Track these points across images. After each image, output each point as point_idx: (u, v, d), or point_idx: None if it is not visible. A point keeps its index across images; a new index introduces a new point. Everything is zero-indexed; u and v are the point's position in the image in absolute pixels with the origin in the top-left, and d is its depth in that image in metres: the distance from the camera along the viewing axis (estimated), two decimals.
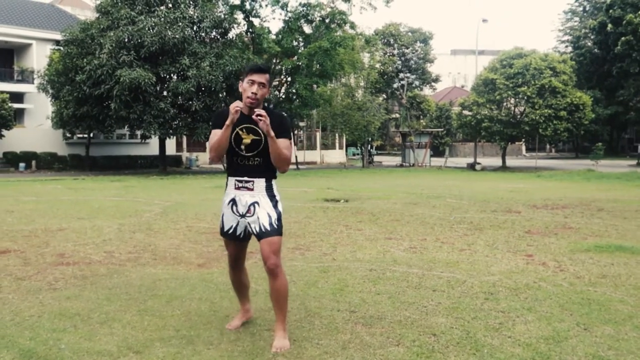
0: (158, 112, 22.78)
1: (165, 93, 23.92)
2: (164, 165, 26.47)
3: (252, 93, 3.62)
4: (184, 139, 33.35)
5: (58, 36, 26.67)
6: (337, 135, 40.64)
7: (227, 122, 3.55)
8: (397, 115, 43.63)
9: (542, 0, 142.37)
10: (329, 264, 6.14)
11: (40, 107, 31.07)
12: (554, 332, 3.93)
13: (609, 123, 47.75)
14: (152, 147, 30.07)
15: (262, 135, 3.61)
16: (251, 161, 3.68)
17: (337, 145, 42.84)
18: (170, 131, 24.49)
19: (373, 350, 3.57)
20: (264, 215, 3.65)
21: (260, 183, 3.70)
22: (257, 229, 3.66)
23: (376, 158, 40.20)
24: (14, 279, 5.40)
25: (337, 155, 41.81)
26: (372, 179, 22.80)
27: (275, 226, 3.66)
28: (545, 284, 5.28)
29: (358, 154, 42.49)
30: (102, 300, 4.71)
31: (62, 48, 24.52)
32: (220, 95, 24.02)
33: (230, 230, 3.80)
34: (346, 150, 42.57)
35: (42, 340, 3.73)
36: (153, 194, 14.65)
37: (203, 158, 35.34)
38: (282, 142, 3.59)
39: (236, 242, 3.86)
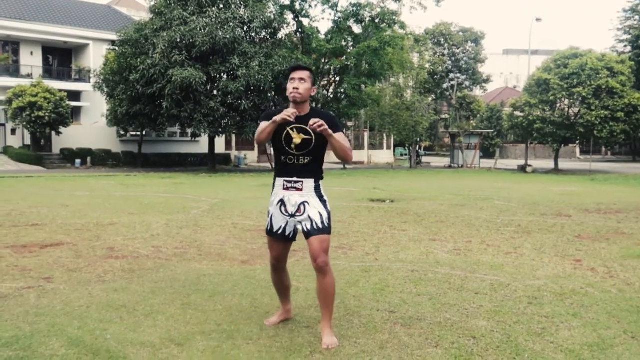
0: (208, 110, 23.18)
1: (215, 92, 24.31)
2: (213, 163, 26.90)
3: (294, 88, 3.71)
4: (233, 137, 33.82)
5: (114, 36, 27.45)
6: (384, 135, 40.45)
7: (277, 119, 3.57)
8: (447, 116, 43.12)
9: None
10: (371, 264, 6.13)
11: (95, 105, 32.08)
12: (599, 339, 3.83)
13: None
14: (201, 146, 30.62)
15: (312, 135, 3.68)
16: (301, 160, 3.74)
17: (384, 145, 42.65)
18: (220, 130, 24.88)
19: (411, 351, 3.55)
20: (315, 214, 3.70)
21: (309, 184, 3.75)
22: (309, 227, 3.70)
23: (424, 159, 39.86)
24: (66, 271, 5.60)
25: (384, 156, 41.63)
26: (419, 179, 22.61)
27: (327, 224, 3.71)
28: (593, 289, 5.14)
29: (406, 155, 42.20)
30: (147, 293, 4.83)
31: (117, 48, 25.23)
32: (269, 94, 24.27)
33: (280, 231, 3.84)
34: (394, 151, 42.33)
35: (90, 330, 3.86)
36: (201, 192, 14.92)
37: (251, 157, 35.75)
38: (339, 136, 3.66)
39: (283, 242, 3.90)
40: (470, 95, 36.56)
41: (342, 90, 28.82)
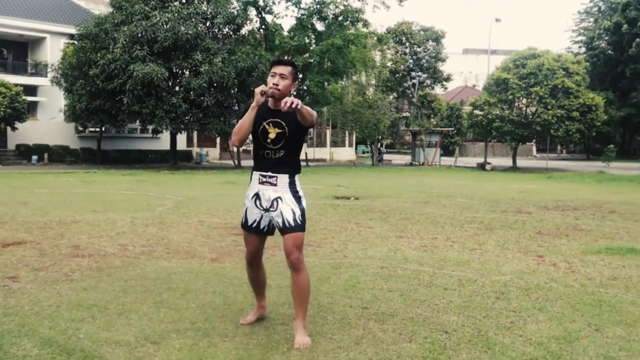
0: (170, 107, 22.91)
1: (177, 88, 24.03)
2: (174, 160, 26.61)
3: (274, 84, 3.70)
4: (195, 134, 33.49)
5: (72, 30, 26.84)
6: (347, 133, 40.64)
7: (253, 104, 3.67)
8: (408, 114, 43.60)
9: (556, 0, 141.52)
10: (340, 261, 6.19)
11: (53, 100, 31.28)
12: (565, 332, 3.97)
13: (621, 125, 47.47)
14: (163, 142, 30.22)
15: (286, 129, 3.70)
16: (276, 154, 3.75)
17: (346, 142, 42.84)
18: (182, 126, 24.62)
19: (386, 346, 3.62)
20: (287, 211, 3.71)
21: (283, 179, 3.76)
22: (281, 224, 3.71)
23: (386, 156, 40.20)
24: (31, 270, 5.49)
25: (346, 153, 41.83)
26: (381, 177, 22.83)
27: (299, 222, 3.72)
28: (557, 284, 5.30)
29: (368, 152, 42.48)
30: (118, 292, 4.78)
31: (76, 42, 24.69)
32: (232, 91, 24.11)
33: (254, 224, 3.85)
34: (356, 148, 42.57)
35: (62, 329, 3.80)
36: (164, 189, 14.76)
37: (213, 153, 35.47)
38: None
39: (258, 236, 3.91)
40: (431, 94, 37.05)
41: (305, 87, 28.86)
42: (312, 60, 28.84)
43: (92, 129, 28.71)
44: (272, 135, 3.73)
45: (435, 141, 34.70)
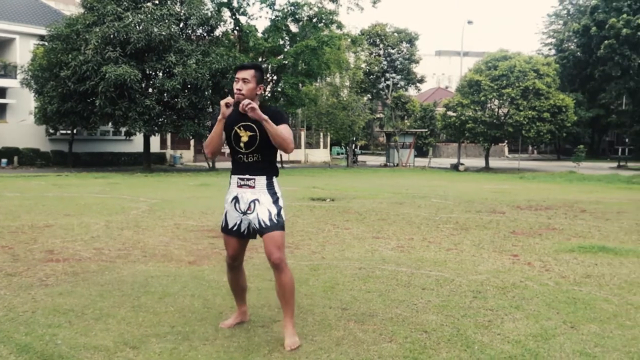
0: (143, 109, 22.67)
1: (150, 90, 23.80)
2: (148, 162, 26.33)
3: (237, 89, 3.73)
4: (169, 136, 33.20)
5: (42, 31, 26.40)
6: (321, 134, 40.69)
7: (219, 117, 3.69)
8: (382, 115, 43.84)
9: (526, 3, 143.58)
10: (318, 262, 6.20)
11: (23, 102, 30.70)
12: (541, 329, 4.03)
13: (590, 125, 48.37)
14: (136, 144, 29.88)
15: (257, 131, 3.70)
16: (250, 158, 3.77)
17: (321, 144, 42.89)
18: (156, 128, 24.37)
19: (366, 347, 3.64)
20: (263, 211, 3.72)
21: (261, 181, 3.77)
22: (257, 225, 3.72)
23: (360, 158, 40.33)
24: (5, 275, 5.40)
25: (321, 155, 41.87)
26: (356, 178, 22.91)
27: (275, 221, 3.72)
28: (532, 283, 5.39)
29: (342, 154, 42.59)
30: (95, 296, 4.72)
31: (46, 43, 24.28)
32: (206, 93, 23.94)
33: (235, 227, 3.85)
34: (330, 150, 42.64)
35: (38, 335, 3.75)
36: (138, 191, 14.61)
37: (187, 156, 35.19)
38: (282, 127, 3.67)
39: (239, 239, 3.90)
40: (405, 95, 37.31)
41: (280, 89, 28.81)
42: (286, 62, 28.82)
43: (64, 132, 28.28)
44: (244, 139, 3.73)
45: (409, 142, 34.93)
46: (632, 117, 38.52)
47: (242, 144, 3.75)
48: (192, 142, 34.57)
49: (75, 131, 27.44)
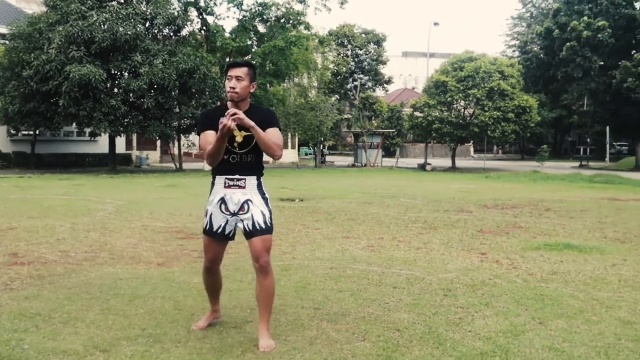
0: (109, 109, 22.29)
1: (116, 90, 23.42)
2: (114, 163, 25.92)
3: (231, 88, 3.64)
4: (135, 137, 32.74)
5: (3, 30, 25.76)
6: (289, 135, 40.63)
7: (224, 131, 3.42)
8: (350, 116, 44.00)
9: (491, 6, 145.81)
10: (289, 263, 6.19)
11: None
12: (511, 326, 4.10)
13: (553, 126, 49.42)
14: (101, 146, 29.38)
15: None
16: (244, 159, 3.70)
17: (289, 145, 42.83)
18: (122, 129, 23.98)
19: (340, 346, 3.65)
20: (258, 214, 3.67)
21: (252, 181, 3.72)
22: (251, 227, 3.65)
23: (328, 158, 40.39)
24: None
25: (289, 155, 41.79)
26: (325, 178, 22.94)
27: (269, 224, 3.69)
28: (501, 280, 5.47)
29: (311, 154, 42.61)
30: (62, 300, 4.63)
31: (7, 42, 23.72)
32: (173, 93, 23.67)
33: (220, 230, 3.76)
34: (299, 150, 42.62)
35: (4, 340, 3.66)
36: (105, 193, 14.37)
37: (154, 157, 34.76)
38: (272, 131, 3.62)
39: (222, 242, 3.84)
40: (373, 96, 37.53)
41: None
42: (254, 62, 28.71)
43: (26, 133, 27.63)
44: (239, 139, 3.66)
45: (377, 143, 35.13)
46: (593, 117, 39.40)
47: (236, 144, 3.67)
48: (158, 143, 34.16)
49: (38, 132, 26.87)
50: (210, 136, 3.63)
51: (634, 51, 33.83)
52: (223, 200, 3.71)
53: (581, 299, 4.86)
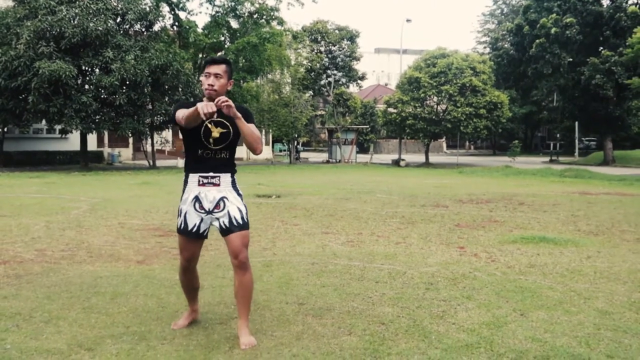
0: (80, 106, 21.96)
1: (87, 86, 23.05)
2: (85, 161, 25.55)
3: (209, 85, 3.60)
4: (106, 134, 32.28)
5: None
6: (263, 131, 40.49)
7: (199, 110, 3.31)
8: (323, 112, 44.02)
9: (462, 2, 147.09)
10: (270, 259, 6.19)
11: None
12: (493, 318, 4.16)
13: (523, 122, 50.15)
14: (71, 143, 28.93)
15: (230, 128, 3.63)
16: (218, 155, 3.67)
17: (263, 141, 42.74)
18: (93, 126, 23.65)
19: (327, 340, 3.66)
20: (234, 210, 3.64)
21: (226, 178, 3.70)
22: (228, 223, 3.62)
23: (302, 154, 40.37)
24: None
25: (263, 152, 41.67)
26: (300, 175, 22.93)
27: (246, 220, 3.68)
28: (480, 273, 5.55)
29: (285, 150, 42.52)
30: (42, 299, 4.56)
31: None
32: (146, 89, 23.41)
33: (195, 229, 3.71)
34: (272, 147, 42.51)
35: None
36: (77, 191, 14.16)
37: (126, 154, 34.35)
38: (252, 126, 3.61)
39: (197, 241, 3.80)
40: (347, 92, 37.58)
41: None
42: (227, 58, 28.54)
43: None
44: (215, 135, 3.62)
45: (351, 139, 35.25)
46: (562, 113, 40.10)
47: (211, 140, 3.63)
48: (130, 139, 33.75)
49: (6, 129, 26.35)
50: (187, 111, 3.49)
51: (602, 47, 34.47)
52: (197, 198, 3.67)
53: (559, 290, 4.96)
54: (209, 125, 3.61)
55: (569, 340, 3.71)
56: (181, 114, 3.55)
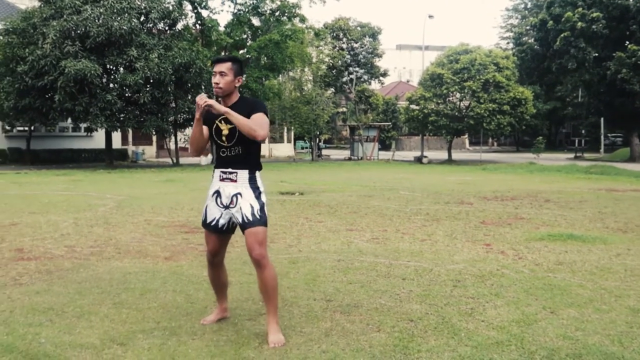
0: (105, 104, 22.21)
1: (112, 85, 23.31)
2: (110, 158, 25.85)
3: (215, 83, 3.70)
4: (130, 132, 32.63)
5: None
6: (285, 128, 40.57)
7: (197, 116, 3.66)
8: (345, 109, 43.99)
9: None
10: (296, 255, 6.20)
11: None
12: (523, 315, 4.13)
13: (548, 118, 49.50)
14: (96, 141, 29.29)
15: None
16: (232, 151, 3.74)
17: (285, 138, 42.76)
18: (117, 124, 23.91)
19: (356, 337, 3.67)
20: (246, 206, 3.67)
21: (243, 174, 3.73)
22: (240, 220, 3.67)
23: (324, 152, 40.37)
24: None
25: (285, 149, 41.76)
26: (322, 172, 22.94)
27: (258, 216, 3.67)
28: (508, 271, 5.50)
29: (306, 148, 42.56)
30: (73, 294, 4.63)
31: (1, 37, 23.56)
32: (169, 87, 23.61)
33: (213, 222, 3.79)
34: (294, 144, 42.61)
35: (20, 335, 3.66)
36: (103, 188, 14.34)
37: (150, 152, 34.67)
38: (255, 116, 3.63)
39: (218, 234, 3.84)
40: (369, 89, 37.49)
41: (244, 83, 28.59)
42: (249, 56, 28.62)
43: (21, 128, 27.53)
44: (225, 132, 3.71)
45: (373, 136, 35.14)
46: (587, 109, 39.49)
47: (223, 137, 3.73)
48: (154, 137, 34.07)
49: (33, 128, 26.77)
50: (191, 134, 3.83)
51: (628, 42, 33.87)
52: (217, 193, 3.77)
53: (589, 288, 4.90)
54: (219, 124, 3.73)
55: (601, 339, 3.66)
56: (190, 140, 3.87)
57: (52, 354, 3.35)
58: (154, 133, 27.14)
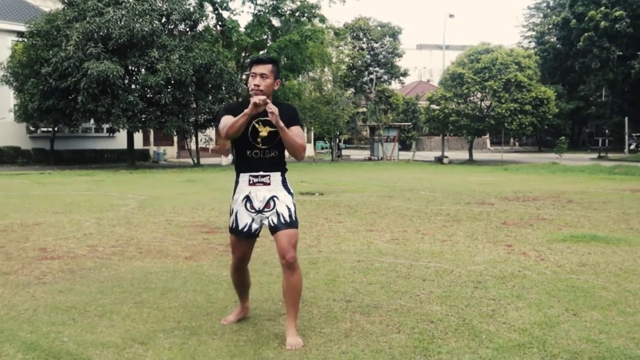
0: (127, 105, 22.45)
1: (133, 86, 23.55)
2: (132, 159, 26.11)
3: (255, 85, 3.59)
4: (151, 132, 32.93)
5: (20, 27, 25.97)
6: (305, 129, 40.67)
7: (248, 112, 3.45)
8: (365, 109, 43.90)
9: None
10: (316, 256, 6.20)
11: (2, 100, 30.18)
12: (545, 317, 4.08)
13: (570, 117, 48.92)
14: (118, 141, 29.60)
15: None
16: (267, 154, 3.66)
17: (305, 139, 42.86)
18: (139, 124, 24.15)
19: (375, 338, 3.65)
20: (284, 209, 3.63)
21: (276, 177, 3.69)
22: (276, 222, 3.61)
23: (344, 152, 40.36)
24: (0, 274, 5.32)
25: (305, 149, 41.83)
26: (343, 172, 22.92)
27: (294, 219, 3.65)
28: (530, 272, 5.44)
29: (326, 148, 42.55)
30: (95, 293, 4.68)
31: (25, 39, 23.93)
32: (190, 88, 23.78)
33: (246, 228, 3.71)
34: (314, 144, 42.66)
35: (43, 333, 3.70)
36: (125, 188, 14.48)
37: (171, 152, 34.94)
38: (295, 130, 3.59)
39: (248, 240, 3.80)
40: (389, 89, 37.39)
41: None
42: (274, 58, 28.75)
43: (45, 129, 27.91)
44: (263, 134, 3.61)
45: (393, 136, 35.04)
46: (611, 108, 39.00)
47: (259, 139, 3.63)
48: (175, 138, 34.33)
49: (56, 128, 27.14)
50: (230, 119, 3.55)
51: None
52: (248, 198, 3.67)
53: (613, 290, 4.82)
54: (257, 125, 3.61)
55: (625, 342, 3.60)
56: (224, 123, 3.58)
57: (74, 352, 3.38)
58: (175, 133, 27.36)
